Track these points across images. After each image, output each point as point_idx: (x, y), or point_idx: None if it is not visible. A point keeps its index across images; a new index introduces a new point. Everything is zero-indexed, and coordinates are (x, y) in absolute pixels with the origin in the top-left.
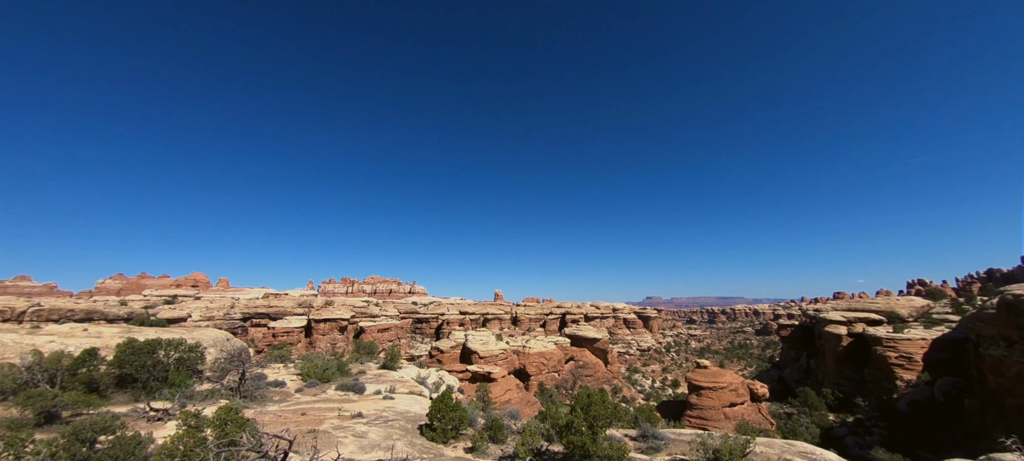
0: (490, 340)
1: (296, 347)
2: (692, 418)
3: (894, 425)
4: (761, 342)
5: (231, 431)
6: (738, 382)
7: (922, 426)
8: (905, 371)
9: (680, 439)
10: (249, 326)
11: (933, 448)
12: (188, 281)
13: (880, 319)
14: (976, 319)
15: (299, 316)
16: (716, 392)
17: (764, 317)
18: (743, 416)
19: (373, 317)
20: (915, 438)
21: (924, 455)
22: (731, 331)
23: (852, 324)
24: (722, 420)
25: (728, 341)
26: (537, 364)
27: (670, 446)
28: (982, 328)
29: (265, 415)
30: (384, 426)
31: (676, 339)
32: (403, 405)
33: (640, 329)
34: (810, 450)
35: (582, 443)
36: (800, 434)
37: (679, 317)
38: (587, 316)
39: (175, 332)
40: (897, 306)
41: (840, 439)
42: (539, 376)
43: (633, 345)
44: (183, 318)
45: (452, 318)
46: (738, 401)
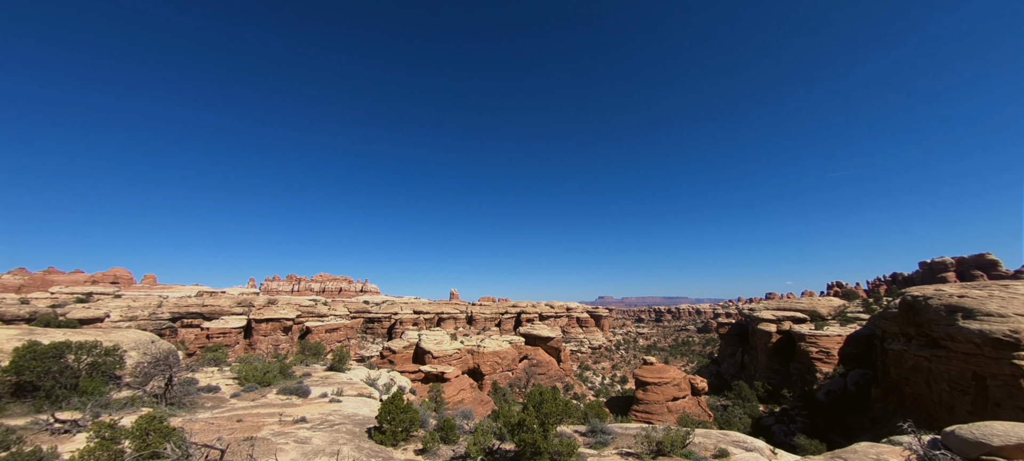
0: (444, 340)
1: (233, 349)
2: (638, 412)
3: (814, 413)
4: (702, 339)
5: (154, 442)
6: (681, 377)
7: (837, 413)
8: (824, 364)
9: (626, 433)
10: (179, 327)
11: (845, 433)
12: (106, 277)
13: (804, 317)
14: (882, 317)
15: (238, 316)
16: (661, 387)
17: (705, 316)
18: (685, 409)
19: (321, 317)
20: (831, 425)
21: (838, 440)
22: (676, 329)
23: (781, 322)
24: (666, 413)
25: (673, 339)
26: (491, 363)
27: (617, 440)
28: (886, 325)
29: (195, 423)
30: (330, 430)
31: (625, 337)
32: (351, 408)
33: (592, 328)
34: (742, 439)
35: (533, 441)
36: (734, 424)
37: (629, 316)
38: (542, 315)
39: (89, 334)
40: (818, 306)
41: (768, 428)
42: (493, 375)
43: (585, 343)
44: (99, 318)
45: (406, 318)
46: (680, 395)
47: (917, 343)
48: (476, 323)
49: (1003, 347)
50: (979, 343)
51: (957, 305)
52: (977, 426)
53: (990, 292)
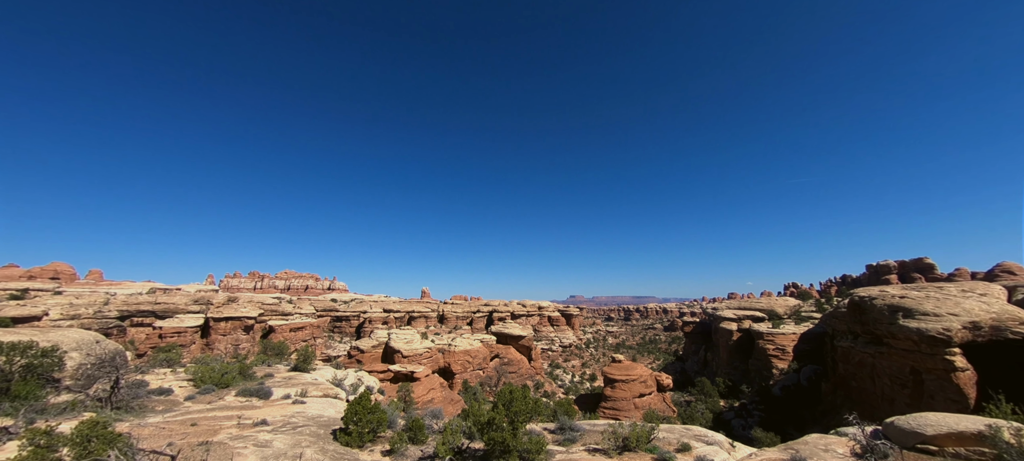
0: (415, 339)
1: (189, 350)
2: (606, 409)
3: (770, 407)
4: (668, 337)
5: (96, 449)
6: (647, 374)
7: (791, 407)
8: (780, 361)
9: (594, 429)
10: (129, 326)
11: (798, 426)
12: (45, 273)
13: (763, 316)
14: (832, 316)
15: (194, 314)
16: (628, 384)
17: (672, 315)
18: (650, 405)
19: (285, 315)
20: (786, 418)
21: (791, 432)
22: (643, 328)
23: (741, 321)
24: (632, 410)
25: (640, 337)
26: (462, 362)
27: (585, 436)
28: (836, 323)
29: (144, 428)
30: (292, 433)
31: (595, 336)
32: (315, 409)
33: (563, 326)
34: (704, 433)
35: (503, 439)
36: (697, 419)
37: (599, 315)
38: (514, 314)
39: (24, 333)
40: (776, 305)
41: (728, 422)
42: (464, 374)
43: (556, 342)
44: (36, 316)
45: (375, 316)
46: (647, 392)
47: (863, 340)
48: (448, 322)
49: (937, 344)
50: (917, 340)
51: (898, 305)
52: (913, 417)
53: (927, 293)
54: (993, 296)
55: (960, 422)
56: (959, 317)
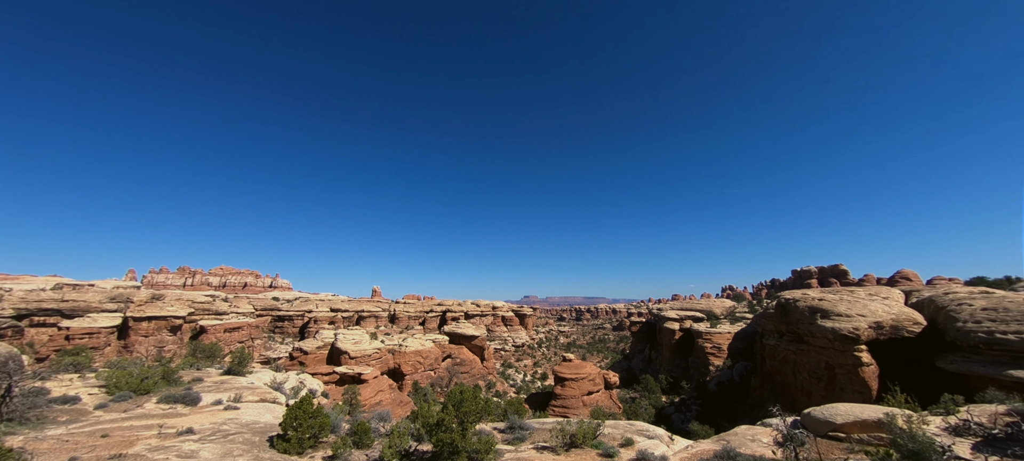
0: (363, 339)
1: (102, 352)
2: (556, 407)
3: (707, 402)
4: (617, 337)
5: None
6: (595, 373)
7: (725, 401)
8: (716, 358)
9: (543, 427)
10: (28, 326)
11: (730, 418)
12: None
13: (702, 316)
14: (762, 317)
15: (110, 313)
16: (577, 382)
17: (620, 315)
18: (598, 402)
19: (220, 314)
20: (720, 411)
21: (724, 424)
22: (594, 327)
23: (683, 321)
24: (581, 407)
25: (591, 336)
26: (413, 363)
27: (534, 435)
28: (764, 323)
29: (43, 442)
30: (223, 442)
31: (548, 335)
32: (251, 415)
33: (516, 326)
34: (646, 428)
35: (451, 440)
36: (640, 414)
37: (552, 315)
38: (468, 314)
39: None
40: (713, 306)
41: (669, 416)
42: (414, 375)
43: (509, 341)
44: None
45: (321, 316)
46: (595, 389)
47: (787, 339)
48: (399, 321)
49: (847, 341)
50: (831, 338)
51: (817, 307)
52: (826, 407)
53: (840, 296)
54: (893, 299)
55: (863, 411)
56: (866, 318)
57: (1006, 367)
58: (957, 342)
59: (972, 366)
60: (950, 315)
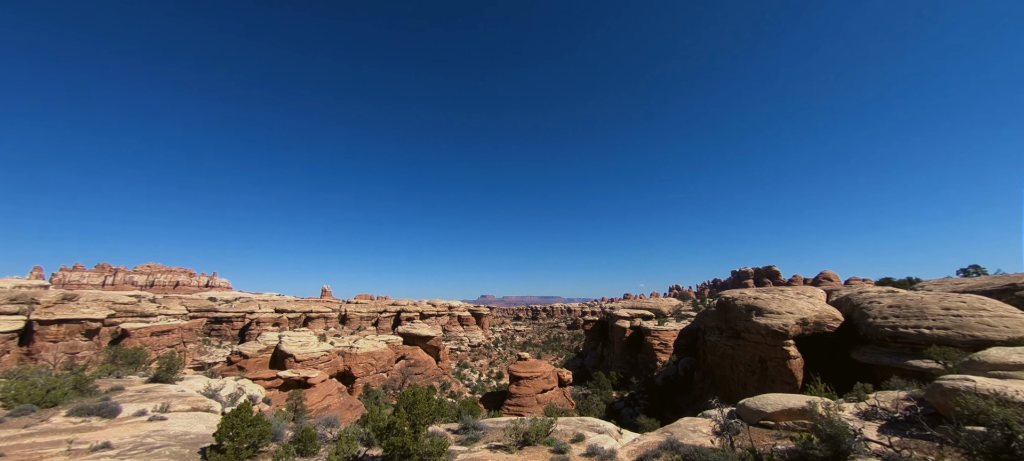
0: (310, 341)
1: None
2: (511, 406)
3: (654, 396)
4: (571, 335)
5: None
6: (550, 371)
7: (670, 395)
8: (663, 354)
9: (497, 427)
10: None
11: (674, 411)
12: None
13: (651, 315)
14: (705, 315)
15: (9, 316)
16: (532, 381)
17: (575, 314)
18: (552, 400)
19: (146, 316)
20: (665, 405)
21: (668, 417)
22: (549, 326)
23: (633, 319)
24: (535, 405)
25: (546, 335)
26: (365, 365)
27: (488, 434)
28: (707, 321)
29: None
30: (146, 456)
31: (504, 335)
32: (180, 426)
33: (473, 326)
34: (597, 423)
35: (403, 443)
36: (592, 410)
37: (508, 314)
38: (423, 314)
39: None
40: (661, 305)
41: (619, 411)
42: (366, 377)
43: (465, 341)
44: None
45: (265, 317)
46: (549, 387)
47: (726, 335)
48: (351, 322)
49: (778, 337)
50: (764, 334)
51: (752, 305)
52: (758, 398)
53: (772, 296)
54: (817, 298)
55: (790, 400)
56: (794, 315)
57: (907, 358)
58: (868, 336)
59: (880, 357)
60: (863, 312)
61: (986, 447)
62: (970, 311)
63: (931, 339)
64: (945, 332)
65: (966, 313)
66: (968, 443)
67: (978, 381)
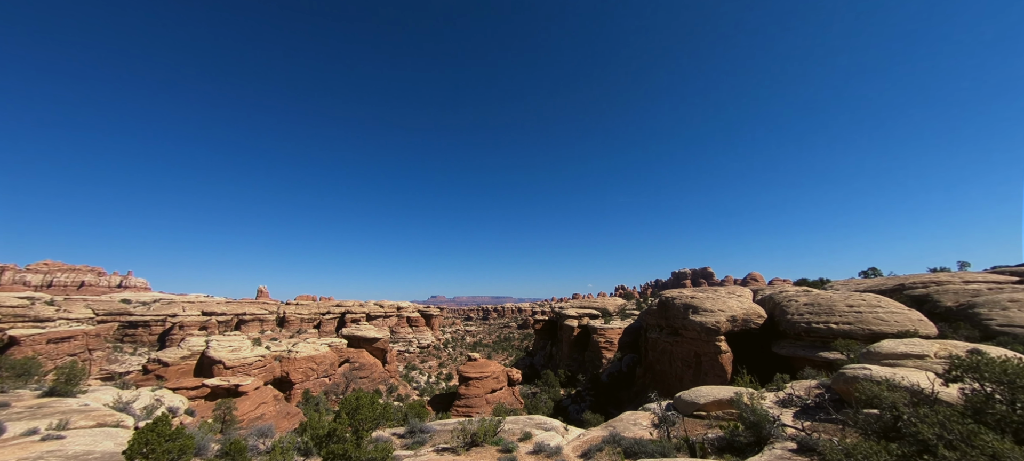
0: (243, 346)
1: None
2: (460, 407)
3: (599, 392)
4: (521, 335)
5: None
6: (499, 371)
7: (614, 391)
8: (608, 352)
9: (445, 429)
10: None
11: (618, 406)
12: None
13: (598, 314)
14: (647, 313)
15: None
16: (481, 381)
17: (525, 314)
18: (501, 400)
19: (41, 321)
20: (610, 400)
21: (612, 411)
22: (500, 326)
23: (581, 318)
24: (484, 405)
25: (496, 335)
26: (305, 370)
27: (435, 437)
28: (648, 319)
29: None
30: None
31: (454, 335)
32: (82, 444)
33: (422, 327)
34: (544, 421)
35: (344, 451)
36: (540, 408)
37: (459, 315)
38: (370, 315)
39: None
40: (608, 304)
41: (566, 408)
42: (306, 383)
43: (414, 343)
44: None
45: (190, 321)
46: (498, 387)
47: (666, 332)
48: (290, 325)
49: (711, 333)
50: (699, 331)
51: (689, 304)
52: (692, 390)
53: (707, 295)
54: (745, 297)
55: (720, 392)
56: (725, 313)
57: (818, 350)
58: (787, 331)
59: (796, 350)
60: (783, 309)
61: (878, 426)
62: (869, 308)
63: (838, 333)
64: (849, 327)
65: (866, 310)
66: (864, 424)
67: (873, 369)
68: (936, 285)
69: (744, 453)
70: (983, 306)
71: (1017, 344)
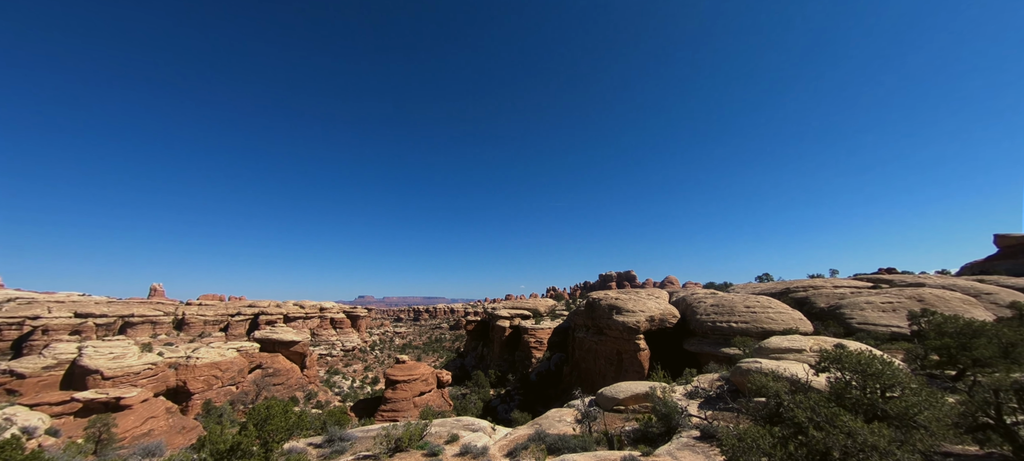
0: (129, 352)
1: None
2: (385, 412)
3: (528, 391)
4: (453, 336)
5: None
6: (429, 373)
7: (542, 389)
8: (537, 351)
9: (367, 435)
10: None
11: (545, 403)
12: None
13: (529, 314)
14: (575, 314)
15: None
16: (410, 384)
17: (458, 314)
18: (429, 402)
19: None
20: (538, 399)
21: (540, 409)
22: (431, 327)
23: (513, 319)
24: (412, 409)
25: (428, 337)
26: (207, 378)
27: (356, 444)
28: (576, 319)
29: None
30: None
31: (382, 337)
32: None
33: (347, 329)
34: (472, 422)
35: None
36: (469, 409)
37: (388, 316)
38: (288, 317)
39: None
40: (539, 305)
41: (495, 408)
42: (207, 393)
43: (338, 346)
44: None
45: (57, 323)
46: (427, 390)
47: (592, 332)
48: (190, 327)
49: (632, 332)
50: (622, 330)
51: (614, 305)
52: (613, 386)
53: (629, 296)
54: (662, 298)
55: (637, 387)
56: (644, 313)
57: (721, 346)
58: (696, 330)
59: (703, 346)
60: (693, 310)
61: (765, 412)
62: (762, 309)
63: (737, 331)
64: (746, 325)
65: (759, 310)
66: (754, 411)
67: (763, 363)
68: (813, 289)
69: (656, 443)
70: (846, 307)
71: (870, 339)
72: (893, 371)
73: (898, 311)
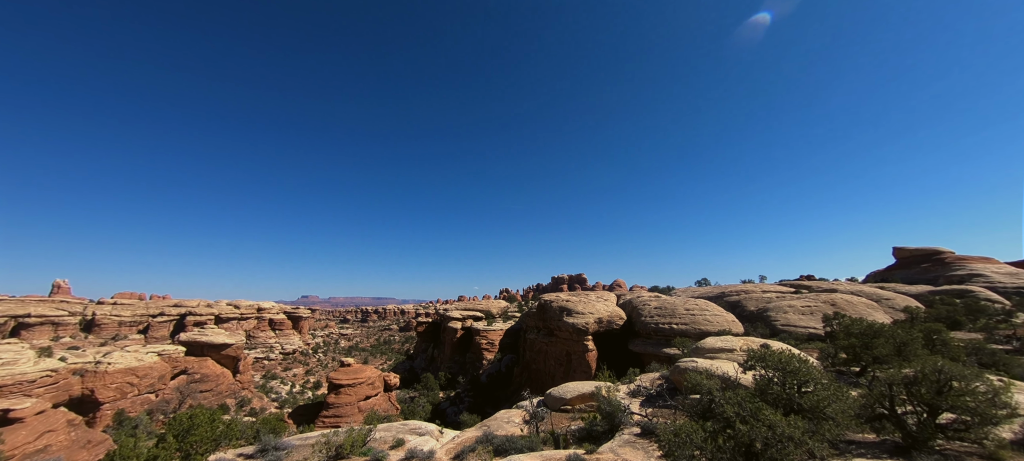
0: (23, 357)
1: None
2: (327, 418)
3: (478, 393)
4: (403, 338)
5: None
6: (375, 376)
7: (493, 390)
8: (489, 353)
9: (305, 443)
10: None
11: (495, 405)
12: None
13: (482, 316)
14: (527, 315)
15: None
16: (355, 388)
17: (408, 315)
18: (375, 407)
19: None
20: (488, 400)
21: (489, 411)
22: (380, 329)
23: (465, 320)
24: (356, 414)
25: (376, 338)
26: (120, 386)
27: (293, 453)
28: (528, 321)
29: None
30: None
31: (327, 339)
32: None
33: (288, 331)
34: (419, 425)
35: None
36: (417, 413)
37: (333, 317)
38: (220, 317)
39: None
40: (491, 306)
41: (444, 411)
42: (121, 402)
43: (276, 349)
44: None
45: None
46: (373, 394)
47: (543, 333)
48: (102, 329)
49: (581, 333)
50: (571, 331)
51: (565, 306)
52: (561, 386)
53: (579, 298)
54: (610, 301)
55: (584, 386)
56: (593, 315)
57: (662, 347)
58: (640, 331)
59: (647, 347)
60: (638, 312)
61: (698, 409)
62: (700, 311)
63: (678, 332)
64: (685, 327)
65: (698, 313)
66: (689, 407)
67: (699, 362)
68: (744, 293)
69: (600, 441)
70: (773, 310)
71: (792, 339)
72: (808, 368)
73: (815, 314)
